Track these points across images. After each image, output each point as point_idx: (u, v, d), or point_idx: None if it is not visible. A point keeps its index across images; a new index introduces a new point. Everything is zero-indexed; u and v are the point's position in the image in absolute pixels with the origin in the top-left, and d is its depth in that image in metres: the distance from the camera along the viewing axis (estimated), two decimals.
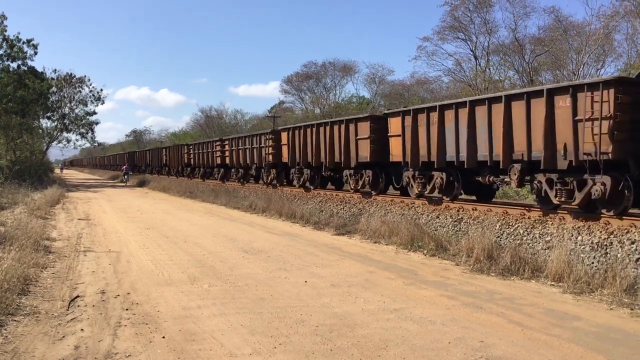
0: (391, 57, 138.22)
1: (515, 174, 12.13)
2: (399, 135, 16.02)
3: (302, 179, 22.82)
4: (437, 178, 14.90)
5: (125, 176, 50.05)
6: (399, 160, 16.21)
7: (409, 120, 15.51)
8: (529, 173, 12.11)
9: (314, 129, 21.34)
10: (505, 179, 12.75)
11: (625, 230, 9.24)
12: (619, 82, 10.02)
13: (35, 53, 38.57)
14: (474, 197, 15.60)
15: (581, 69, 34.27)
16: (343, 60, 62.60)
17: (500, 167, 12.49)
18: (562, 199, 11.25)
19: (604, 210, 10.69)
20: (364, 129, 18.06)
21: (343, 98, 61.70)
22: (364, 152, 18.10)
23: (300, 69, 64.29)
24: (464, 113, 13.41)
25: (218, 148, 34.32)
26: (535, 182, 11.89)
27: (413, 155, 15.40)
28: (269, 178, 26.62)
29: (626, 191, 10.24)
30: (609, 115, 9.92)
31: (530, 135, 11.56)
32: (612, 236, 9.16)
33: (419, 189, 15.66)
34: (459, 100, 14.42)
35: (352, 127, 18.84)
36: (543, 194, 11.80)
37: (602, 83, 10.08)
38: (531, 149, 11.61)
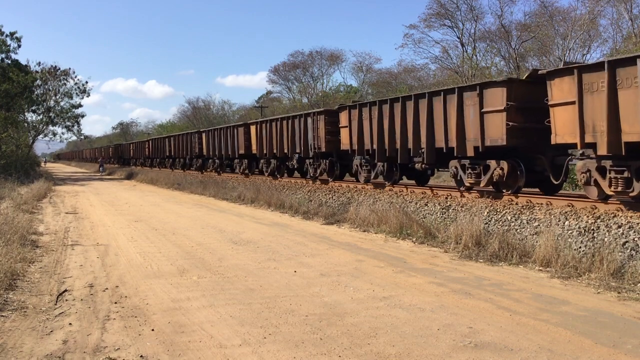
0: (378, 46, 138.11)
1: (295, 160, 22.33)
2: (256, 136, 25.88)
3: (214, 166, 33.07)
4: (272, 164, 24.85)
5: (101, 167, 57.37)
6: (255, 152, 26.16)
7: (260, 127, 25.39)
8: (301, 159, 21.97)
9: (224, 131, 30.70)
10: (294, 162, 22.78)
11: (612, 215, 9.31)
12: (334, 109, 19.77)
13: (19, 46, 38.28)
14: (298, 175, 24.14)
15: (567, 54, 34.41)
16: (330, 49, 62.56)
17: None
18: (314, 173, 20.59)
19: (329, 178, 20.18)
20: (241, 132, 27.66)
21: (331, 87, 61.64)
22: (241, 147, 27.72)
23: (287, 58, 64.15)
24: (280, 124, 23.07)
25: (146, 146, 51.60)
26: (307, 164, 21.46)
27: (260, 149, 25.43)
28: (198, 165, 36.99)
29: (336, 167, 19.93)
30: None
31: (302, 138, 21.15)
32: (599, 220, 9.22)
33: (266, 171, 25.57)
34: (280, 116, 25.09)
35: (235, 130, 28.61)
36: (305, 170, 21.79)
37: (320, 112, 20.25)
38: (300, 147, 21.32)
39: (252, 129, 26.46)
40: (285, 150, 22.71)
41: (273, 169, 24.73)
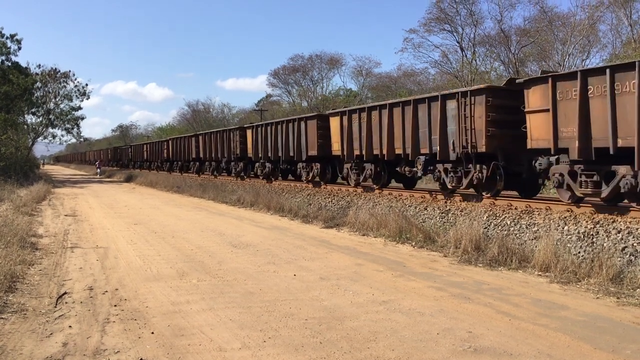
0: (378, 50, 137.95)
1: (419, 163, 15.19)
2: (340, 131, 19.17)
3: (264, 171, 27.09)
4: (368, 170, 18.02)
5: (98, 169, 59.14)
6: (339, 153, 19.42)
7: (347, 120, 18.52)
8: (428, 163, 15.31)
9: (284, 125, 23.89)
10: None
11: (612, 220, 9.33)
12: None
13: (19, 48, 38.36)
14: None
15: (567, 59, 34.47)
16: (330, 53, 62.89)
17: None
18: (455, 184, 14.16)
19: (484, 192, 13.57)
20: (312, 127, 21.25)
21: (330, 91, 61.74)
22: (312, 147, 21.27)
23: (287, 62, 64.33)
24: (390, 113, 16.11)
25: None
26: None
27: (348, 149, 18.46)
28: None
29: (499, 175, 13.07)
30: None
31: (436, 132, 14.38)
32: (598, 226, 9.24)
33: (353, 180, 19.03)
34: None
35: (303, 125, 21.95)
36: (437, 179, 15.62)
37: (477, 90, 13.24)
38: (429, 145, 14.66)
39: (333, 122, 19.76)
40: (398, 151, 15.89)
41: (368, 175, 18.13)
